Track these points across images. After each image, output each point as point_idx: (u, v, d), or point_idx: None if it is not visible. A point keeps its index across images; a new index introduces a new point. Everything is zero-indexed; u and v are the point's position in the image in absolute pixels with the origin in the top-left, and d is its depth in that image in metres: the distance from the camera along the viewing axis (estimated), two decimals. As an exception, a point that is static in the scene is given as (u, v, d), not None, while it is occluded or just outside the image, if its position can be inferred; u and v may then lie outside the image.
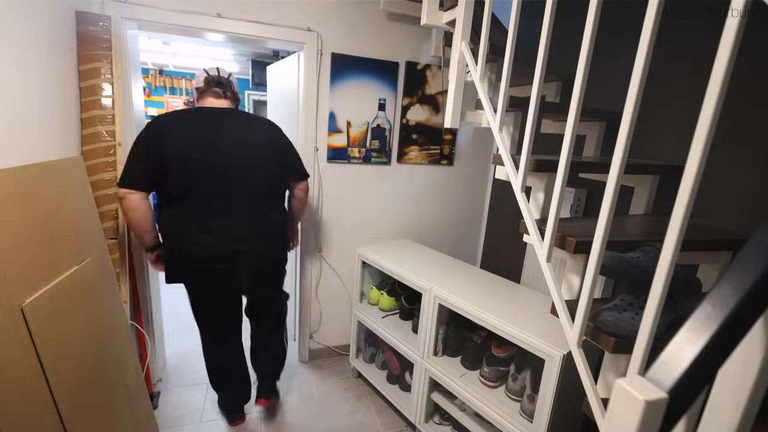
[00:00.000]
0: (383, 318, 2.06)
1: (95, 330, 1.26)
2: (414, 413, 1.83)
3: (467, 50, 1.30)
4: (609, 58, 1.44)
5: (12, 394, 0.88)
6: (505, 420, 1.41)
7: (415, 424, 1.83)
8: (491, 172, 2.55)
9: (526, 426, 1.35)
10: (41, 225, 1.08)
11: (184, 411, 1.91)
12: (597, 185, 1.64)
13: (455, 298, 1.58)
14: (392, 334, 1.92)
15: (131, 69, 1.74)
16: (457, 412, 1.70)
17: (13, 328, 0.91)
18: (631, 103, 0.67)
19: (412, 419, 1.84)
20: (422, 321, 1.73)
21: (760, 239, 0.41)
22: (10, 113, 1.12)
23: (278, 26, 1.90)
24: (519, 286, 1.79)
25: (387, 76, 2.16)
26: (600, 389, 0.84)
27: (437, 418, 1.84)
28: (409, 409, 1.86)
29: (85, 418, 1.12)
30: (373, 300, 2.17)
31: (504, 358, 1.57)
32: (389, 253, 2.06)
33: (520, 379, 1.48)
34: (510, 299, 1.62)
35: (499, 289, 1.71)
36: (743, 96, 1.11)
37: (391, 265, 1.90)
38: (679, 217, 0.58)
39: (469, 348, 1.69)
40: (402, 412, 1.91)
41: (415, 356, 1.78)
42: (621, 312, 0.81)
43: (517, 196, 1.03)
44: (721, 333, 0.38)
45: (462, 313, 1.55)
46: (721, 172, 1.17)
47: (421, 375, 1.76)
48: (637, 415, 0.36)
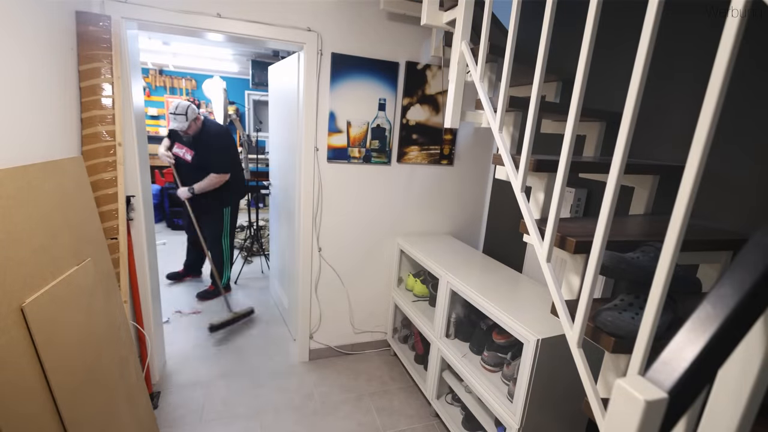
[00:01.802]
0: (413, 302, 2.28)
1: (95, 330, 1.26)
2: (429, 390, 2.02)
3: (467, 50, 1.30)
4: (609, 58, 1.44)
5: (12, 394, 0.88)
6: (494, 401, 1.52)
7: (429, 399, 2.02)
8: (491, 172, 2.55)
9: (507, 406, 1.46)
10: (41, 225, 1.08)
11: (184, 411, 1.91)
12: (597, 185, 1.64)
13: (462, 284, 1.74)
14: (419, 317, 2.12)
15: (131, 69, 1.74)
16: (463, 393, 1.82)
17: (13, 328, 0.91)
18: (631, 103, 0.67)
19: (427, 395, 2.04)
20: (438, 304, 1.89)
21: (760, 239, 0.41)
22: (11, 113, 1.12)
23: (278, 26, 1.90)
24: (530, 279, 1.91)
25: (387, 76, 2.16)
26: (600, 389, 0.84)
27: (449, 398, 2.00)
28: (425, 386, 2.07)
29: (85, 417, 1.12)
30: (409, 286, 2.40)
31: (503, 344, 1.68)
32: (423, 245, 2.28)
33: (513, 365, 1.56)
34: (512, 288, 1.77)
35: (506, 279, 1.87)
36: (743, 96, 1.11)
37: (419, 254, 2.14)
38: (679, 217, 0.58)
39: (477, 334, 1.83)
40: (421, 389, 2.13)
41: (432, 336, 1.96)
42: (621, 312, 0.81)
43: (517, 196, 1.03)
44: (721, 333, 0.38)
45: (465, 297, 1.71)
46: (721, 172, 1.17)
47: (436, 354, 1.93)
48: (637, 415, 0.37)
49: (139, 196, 1.82)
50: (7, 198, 0.96)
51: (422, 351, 2.25)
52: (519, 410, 1.37)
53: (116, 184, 1.62)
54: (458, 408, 1.94)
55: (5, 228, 0.94)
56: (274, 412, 1.96)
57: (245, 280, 3.47)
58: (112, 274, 1.47)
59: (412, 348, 2.39)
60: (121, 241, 1.65)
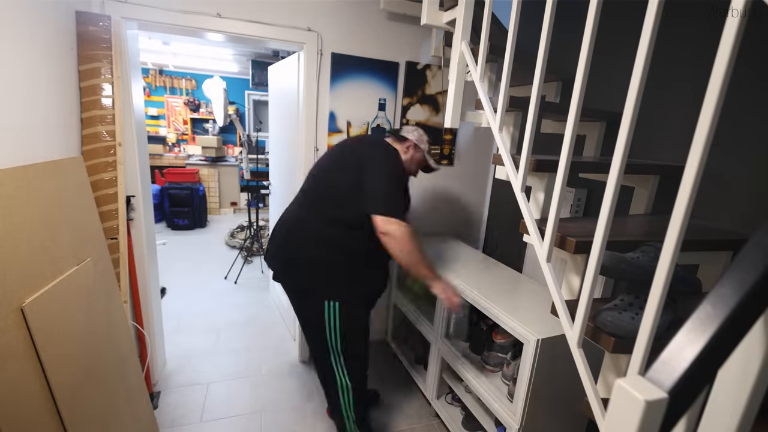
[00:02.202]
0: (413, 302, 2.24)
1: (95, 330, 1.26)
2: (429, 390, 2.03)
3: (467, 50, 1.30)
4: (609, 58, 1.44)
5: (12, 394, 0.88)
6: (494, 401, 1.52)
7: (429, 399, 2.03)
8: (491, 172, 2.55)
9: (507, 406, 1.47)
10: (41, 225, 1.08)
11: (184, 411, 1.91)
12: (597, 185, 1.64)
13: (462, 284, 1.72)
14: (418, 317, 2.10)
15: (131, 69, 1.74)
16: (463, 393, 1.83)
17: (13, 328, 0.91)
18: (631, 103, 0.67)
19: (427, 395, 2.04)
20: (438, 304, 1.87)
21: (760, 239, 0.41)
22: (10, 113, 1.12)
23: (278, 26, 1.90)
24: (530, 279, 1.90)
25: (387, 76, 2.16)
26: (600, 389, 0.84)
27: (449, 398, 2.00)
28: (425, 386, 2.07)
29: (85, 417, 1.12)
30: (408, 286, 2.36)
31: (504, 344, 1.67)
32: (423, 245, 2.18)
33: (513, 365, 1.56)
34: (512, 288, 1.77)
35: (506, 279, 1.87)
36: (744, 95, 1.11)
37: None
38: (679, 217, 0.58)
39: (477, 334, 1.84)
40: (421, 388, 2.13)
41: (432, 337, 1.95)
42: (621, 312, 0.81)
43: (517, 196, 1.03)
44: (721, 333, 0.38)
45: (464, 297, 1.67)
46: (721, 172, 1.17)
47: (436, 354, 1.93)
48: (637, 415, 0.36)
49: (139, 196, 1.82)
50: (7, 198, 0.96)
51: (422, 351, 2.24)
52: (519, 410, 1.37)
53: (116, 184, 1.62)
54: (458, 408, 1.95)
55: (5, 228, 0.94)
56: (273, 412, 1.95)
57: (245, 279, 3.47)
58: (112, 274, 1.47)
59: (411, 348, 2.38)
60: (121, 241, 1.65)
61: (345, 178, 1.43)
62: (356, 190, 1.39)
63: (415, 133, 1.61)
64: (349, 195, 1.41)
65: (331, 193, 1.45)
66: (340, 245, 1.44)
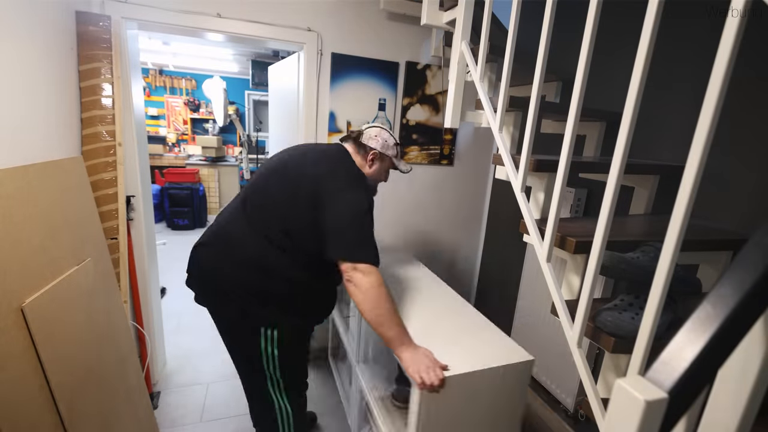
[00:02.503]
0: (346, 318, 1.94)
1: (95, 330, 1.26)
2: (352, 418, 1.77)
3: (467, 50, 1.30)
4: (609, 58, 1.44)
5: (12, 394, 0.88)
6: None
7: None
8: (491, 172, 2.55)
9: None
10: (41, 225, 1.08)
11: (184, 411, 1.91)
12: (597, 185, 1.64)
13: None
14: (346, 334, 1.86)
15: (131, 69, 1.74)
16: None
17: (13, 328, 0.91)
18: (631, 103, 0.67)
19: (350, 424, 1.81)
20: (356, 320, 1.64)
21: (760, 239, 0.41)
22: (10, 113, 1.12)
23: (278, 26, 1.90)
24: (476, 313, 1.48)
25: (387, 76, 2.16)
26: (600, 389, 0.84)
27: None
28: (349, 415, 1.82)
29: (85, 417, 1.12)
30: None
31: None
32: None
33: None
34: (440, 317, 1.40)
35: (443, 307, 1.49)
36: (743, 95, 1.11)
37: None
38: (679, 217, 0.58)
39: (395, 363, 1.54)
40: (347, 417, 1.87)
41: (352, 359, 1.72)
42: (621, 312, 0.81)
43: (517, 196, 1.03)
44: (721, 333, 0.38)
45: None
46: (721, 172, 1.17)
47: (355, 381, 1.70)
48: (637, 415, 0.36)
49: (139, 196, 1.82)
50: (7, 198, 0.96)
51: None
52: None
53: (116, 184, 1.62)
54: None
55: (5, 228, 0.94)
56: (274, 412, 1.95)
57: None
58: (112, 274, 1.47)
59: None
60: (121, 241, 1.65)
61: (297, 215, 1.19)
62: (312, 229, 1.18)
63: (379, 138, 1.37)
64: (302, 231, 1.19)
65: (281, 224, 1.20)
66: (285, 276, 1.21)
